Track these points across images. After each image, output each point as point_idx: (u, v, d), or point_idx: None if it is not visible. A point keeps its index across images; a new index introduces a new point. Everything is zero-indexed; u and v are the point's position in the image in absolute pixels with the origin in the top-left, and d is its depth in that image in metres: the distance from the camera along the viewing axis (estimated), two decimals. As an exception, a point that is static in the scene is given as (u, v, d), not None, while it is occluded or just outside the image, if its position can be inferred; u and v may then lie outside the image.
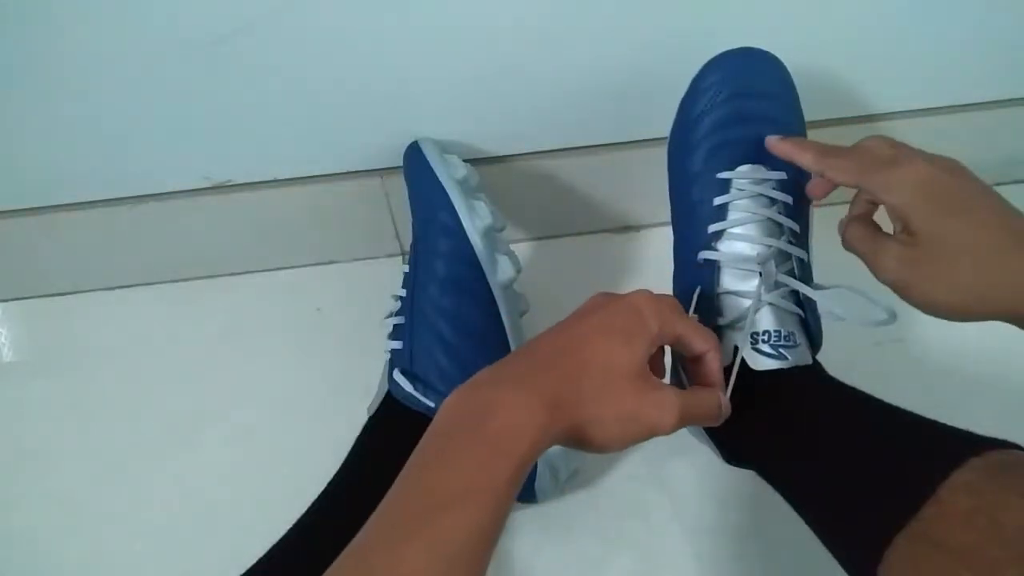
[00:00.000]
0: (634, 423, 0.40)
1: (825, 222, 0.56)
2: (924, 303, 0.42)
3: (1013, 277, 0.39)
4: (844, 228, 0.48)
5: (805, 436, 0.46)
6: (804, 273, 0.52)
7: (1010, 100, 0.66)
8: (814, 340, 0.52)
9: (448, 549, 0.32)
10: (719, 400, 0.45)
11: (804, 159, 0.47)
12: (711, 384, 0.46)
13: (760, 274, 0.50)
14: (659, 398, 0.40)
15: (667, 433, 0.41)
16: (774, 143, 0.49)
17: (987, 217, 0.41)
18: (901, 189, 0.42)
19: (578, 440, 0.39)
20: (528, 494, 0.56)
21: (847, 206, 0.72)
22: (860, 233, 0.46)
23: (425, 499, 0.34)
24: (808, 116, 0.56)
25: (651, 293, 0.44)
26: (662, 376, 0.45)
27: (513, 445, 0.35)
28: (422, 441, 0.37)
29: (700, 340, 0.45)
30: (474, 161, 0.63)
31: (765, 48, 0.55)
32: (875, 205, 0.48)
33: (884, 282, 0.43)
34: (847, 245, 0.47)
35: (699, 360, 0.46)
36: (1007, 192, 0.72)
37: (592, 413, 0.39)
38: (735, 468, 0.53)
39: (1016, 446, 0.38)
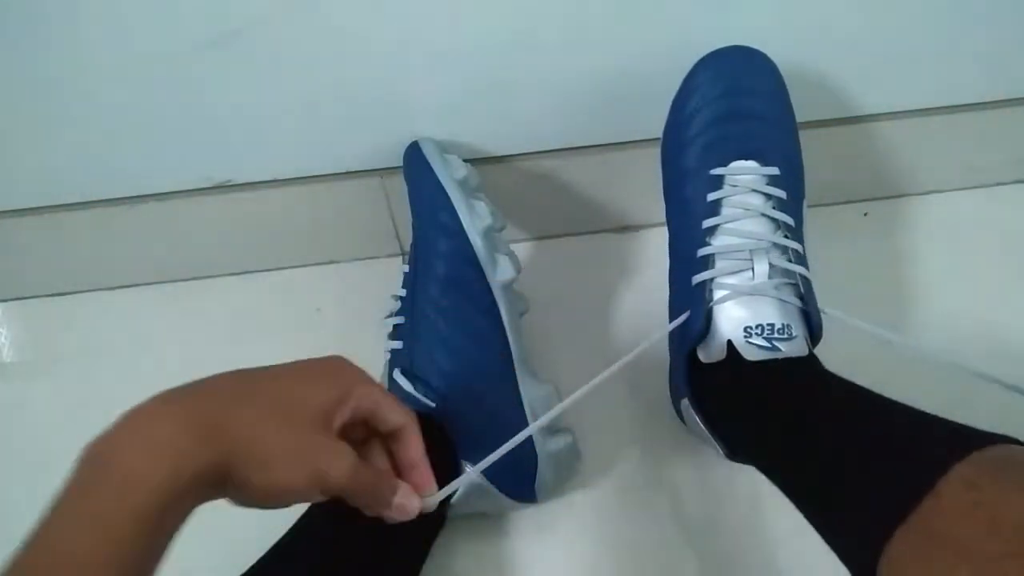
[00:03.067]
0: (303, 464, 0.35)
1: (820, 217, 0.56)
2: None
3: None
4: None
5: (802, 430, 0.46)
6: (800, 266, 0.52)
7: (1010, 100, 0.66)
8: (814, 332, 0.52)
9: None
10: (396, 486, 0.41)
11: None
12: (409, 465, 0.42)
13: (753, 268, 0.51)
14: (335, 445, 0.37)
15: (336, 485, 0.36)
16: None
17: None
18: None
19: (228, 479, 0.33)
20: (528, 494, 0.56)
21: (841, 206, 0.73)
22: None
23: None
24: (804, 117, 0.57)
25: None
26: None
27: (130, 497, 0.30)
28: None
29: (398, 413, 0.41)
30: (474, 161, 0.63)
31: (761, 47, 0.55)
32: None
33: None
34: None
35: (397, 438, 0.42)
36: (1008, 192, 0.73)
37: (257, 446, 0.34)
38: (735, 467, 0.54)
39: (1016, 441, 0.38)
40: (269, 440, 0.34)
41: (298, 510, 0.49)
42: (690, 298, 0.52)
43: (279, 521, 0.48)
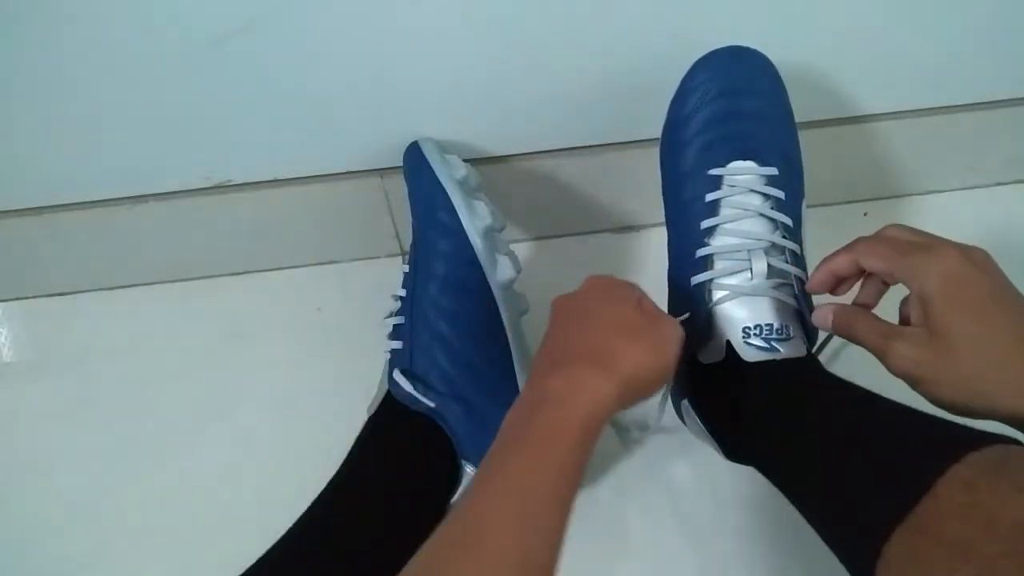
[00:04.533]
0: (665, 348, 0.45)
1: (820, 217, 0.56)
2: (933, 399, 0.43)
3: (1016, 382, 0.40)
4: (847, 316, 0.48)
5: (801, 430, 0.46)
6: (798, 266, 0.52)
7: (1010, 100, 0.66)
8: (809, 333, 0.52)
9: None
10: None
11: (838, 263, 0.48)
12: None
13: (751, 269, 0.51)
14: (666, 320, 0.47)
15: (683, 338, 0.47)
16: (812, 287, 0.50)
17: (1003, 319, 0.42)
18: (930, 277, 0.42)
19: (635, 393, 0.43)
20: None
21: (841, 206, 0.73)
22: (871, 325, 0.46)
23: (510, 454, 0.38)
24: (805, 117, 0.56)
25: (600, 275, 0.49)
26: None
27: (569, 424, 0.39)
28: (491, 448, 0.40)
29: None
30: (474, 161, 0.63)
31: (761, 47, 0.55)
32: (880, 294, 0.49)
33: (896, 375, 0.44)
34: (851, 334, 0.47)
35: None
36: (1008, 192, 0.73)
37: (632, 363, 0.42)
38: (735, 467, 0.53)
39: (1014, 441, 0.38)
40: (639, 355, 0.43)
41: (297, 509, 0.50)
42: (690, 299, 0.52)
43: (278, 522, 0.48)
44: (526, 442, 0.38)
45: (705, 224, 0.52)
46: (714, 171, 0.53)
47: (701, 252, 0.52)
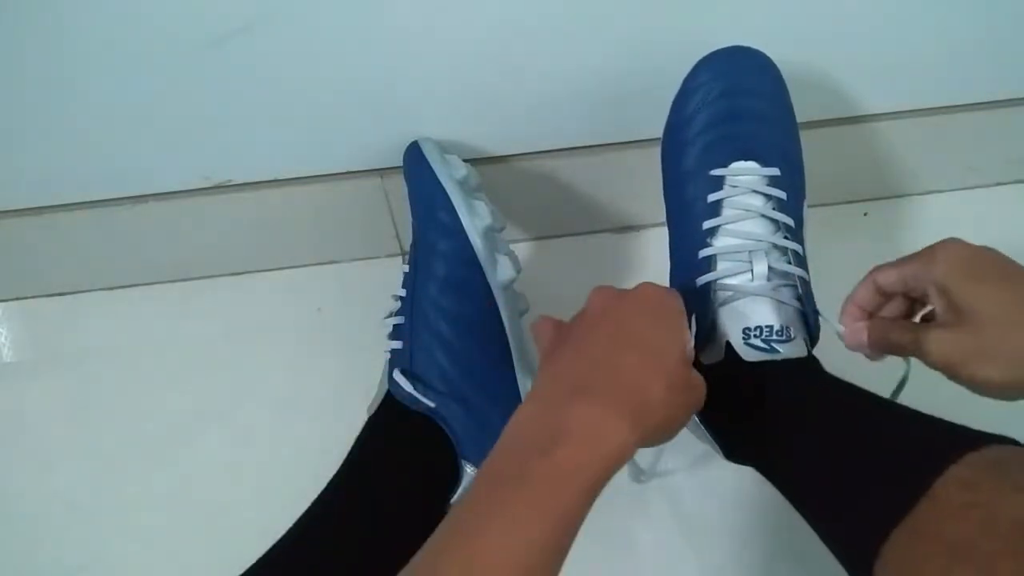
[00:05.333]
0: (692, 407, 0.44)
1: (820, 217, 0.56)
2: (976, 381, 0.42)
3: None
4: (880, 327, 0.48)
5: (799, 431, 0.46)
6: (800, 267, 0.52)
7: (1010, 100, 0.66)
8: (812, 334, 0.52)
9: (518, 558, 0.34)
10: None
11: (860, 295, 0.49)
12: None
13: (752, 270, 0.51)
14: (699, 379, 0.45)
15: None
16: (849, 339, 0.50)
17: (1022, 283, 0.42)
18: (944, 261, 0.43)
19: (648, 442, 0.41)
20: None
21: (841, 206, 0.73)
22: (903, 325, 0.47)
23: (498, 509, 0.35)
24: (804, 117, 0.56)
25: (655, 285, 0.46)
26: None
27: (584, 471, 0.37)
28: (492, 455, 0.38)
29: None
30: (474, 161, 0.63)
31: (762, 47, 0.55)
32: (909, 308, 0.49)
33: (934, 365, 0.43)
34: (887, 342, 0.47)
35: None
36: (1008, 192, 0.73)
37: (661, 416, 0.41)
38: (735, 466, 0.53)
39: (1013, 441, 0.38)
40: (673, 408, 0.42)
41: (297, 509, 0.50)
42: (693, 300, 0.52)
43: (278, 522, 0.48)
44: (534, 478, 0.36)
45: (707, 225, 0.52)
46: (716, 171, 0.53)
47: (704, 253, 0.52)
